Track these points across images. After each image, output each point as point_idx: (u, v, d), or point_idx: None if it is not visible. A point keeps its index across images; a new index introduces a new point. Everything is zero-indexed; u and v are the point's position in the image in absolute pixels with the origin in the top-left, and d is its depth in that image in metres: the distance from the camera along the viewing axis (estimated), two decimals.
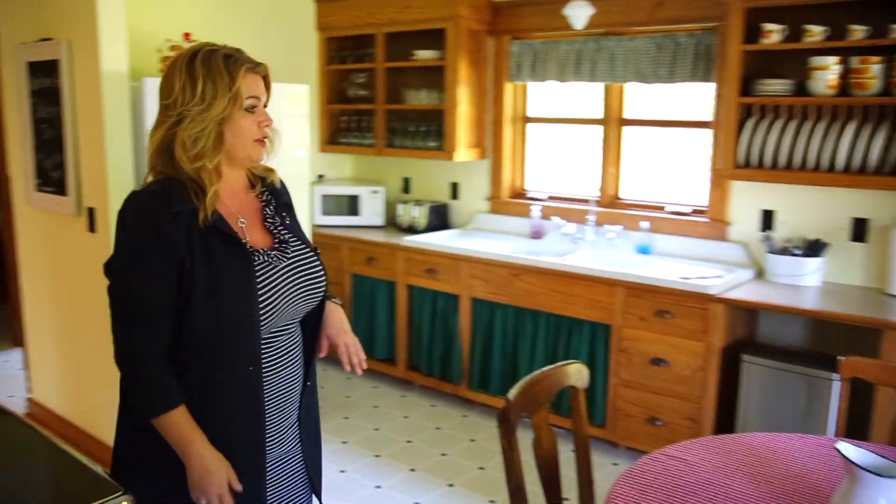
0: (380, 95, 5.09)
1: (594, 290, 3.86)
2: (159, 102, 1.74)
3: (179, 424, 1.66)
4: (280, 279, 1.77)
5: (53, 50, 3.55)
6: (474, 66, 4.78)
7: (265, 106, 1.82)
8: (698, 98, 4.32)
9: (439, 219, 5.11)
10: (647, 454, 2.16)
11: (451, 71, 4.68)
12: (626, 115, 4.50)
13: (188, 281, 1.64)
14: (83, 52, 3.43)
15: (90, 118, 3.44)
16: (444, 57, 4.71)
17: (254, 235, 1.80)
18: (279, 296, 1.76)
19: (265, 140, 1.80)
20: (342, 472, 3.72)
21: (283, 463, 1.90)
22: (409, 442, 4.07)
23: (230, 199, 1.79)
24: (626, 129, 4.50)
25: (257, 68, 1.77)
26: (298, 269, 1.83)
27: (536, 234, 4.68)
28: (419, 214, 5.04)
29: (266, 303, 1.73)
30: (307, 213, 4.29)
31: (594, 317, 3.88)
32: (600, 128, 4.55)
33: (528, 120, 4.96)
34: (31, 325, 4.18)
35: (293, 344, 1.87)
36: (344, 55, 5.36)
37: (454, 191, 5.23)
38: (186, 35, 3.91)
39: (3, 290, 4.37)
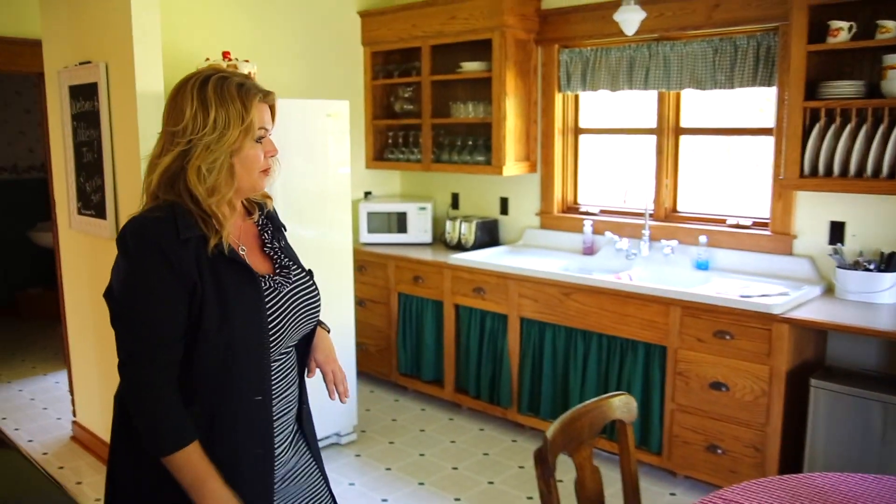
0: (426, 109, 4.98)
1: (649, 309, 3.64)
2: (164, 127, 1.68)
3: (194, 462, 1.58)
4: (286, 304, 1.75)
5: (92, 73, 3.53)
6: (522, 76, 4.62)
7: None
8: (758, 104, 4.07)
9: (488, 235, 4.95)
10: (702, 497, 1.95)
11: (498, 82, 4.54)
12: (683, 123, 4.27)
13: (198, 310, 1.58)
14: (119, 74, 3.40)
15: (126, 140, 3.41)
16: (492, 68, 4.57)
17: (254, 262, 1.76)
18: (286, 320, 1.74)
19: (269, 170, 1.74)
20: (384, 500, 3.57)
21: (294, 480, 1.85)
22: (454, 469, 3.90)
23: (231, 226, 1.73)
24: (682, 139, 4.27)
25: (267, 98, 1.72)
26: (299, 293, 1.81)
27: (589, 250, 4.48)
28: (467, 231, 4.89)
29: (275, 328, 1.70)
30: (350, 231, 4.18)
31: (649, 338, 3.66)
32: (654, 138, 4.33)
33: (579, 131, 4.77)
34: (75, 347, 4.17)
35: (290, 368, 1.83)
36: (390, 69, 5.27)
37: (503, 206, 5.07)
38: (226, 54, 3.86)
39: (59, 310, 4.38)
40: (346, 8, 5.18)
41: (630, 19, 3.95)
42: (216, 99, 1.61)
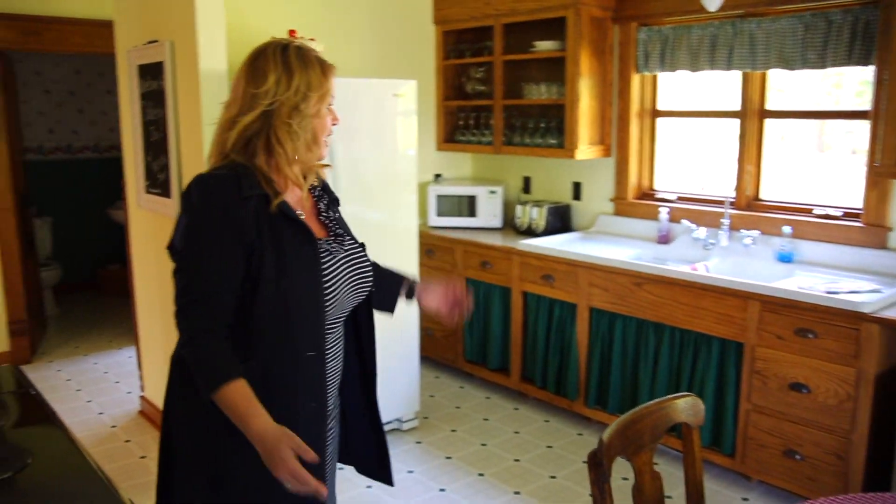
0: (498, 90, 4.84)
1: (725, 303, 3.44)
2: (246, 89, 1.72)
3: (236, 400, 1.60)
4: (339, 268, 1.81)
5: (158, 52, 3.53)
6: (598, 56, 4.43)
7: None
8: (851, 84, 3.78)
9: (560, 221, 4.79)
10: None
11: (572, 62, 4.35)
12: (768, 106, 4.00)
13: (257, 266, 1.66)
14: (183, 53, 3.39)
15: (190, 119, 3.40)
16: (566, 48, 4.39)
17: (311, 227, 1.81)
18: (340, 284, 1.79)
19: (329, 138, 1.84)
20: (441, 490, 3.50)
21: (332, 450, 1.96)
22: (516, 461, 3.79)
23: (290, 191, 1.81)
24: (767, 123, 4.01)
25: (333, 70, 1.82)
26: (352, 261, 1.85)
27: (664, 239, 4.27)
28: (538, 216, 4.74)
29: (329, 289, 1.76)
30: (416, 215, 4.09)
31: (725, 333, 3.46)
32: (737, 121, 4.08)
33: (657, 114, 4.55)
34: (143, 323, 4.23)
35: (336, 340, 1.87)
36: (462, 49, 5.15)
37: (576, 191, 4.90)
38: (292, 32, 3.80)
39: (132, 287, 4.45)
40: None
41: None
42: (300, 65, 1.70)
